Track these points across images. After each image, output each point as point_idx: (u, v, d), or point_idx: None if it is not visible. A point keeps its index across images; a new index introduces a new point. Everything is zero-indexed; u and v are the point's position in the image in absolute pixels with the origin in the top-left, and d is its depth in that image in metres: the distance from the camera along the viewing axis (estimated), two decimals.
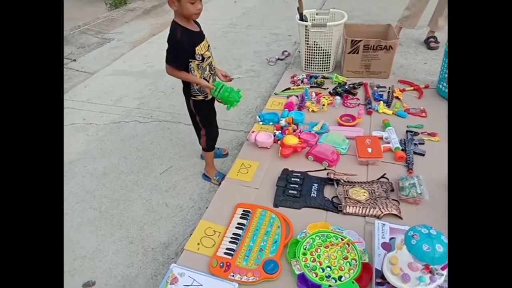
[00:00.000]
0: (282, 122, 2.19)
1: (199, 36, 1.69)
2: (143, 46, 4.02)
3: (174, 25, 1.62)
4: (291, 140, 1.95)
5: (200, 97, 1.80)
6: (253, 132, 2.09)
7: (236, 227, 1.55)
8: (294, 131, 2.12)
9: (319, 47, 2.78)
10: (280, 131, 2.13)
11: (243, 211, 1.62)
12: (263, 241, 1.46)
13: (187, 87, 1.79)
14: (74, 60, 3.81)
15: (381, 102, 2.36)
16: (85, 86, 3.31)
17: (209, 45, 1.76)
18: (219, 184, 1.94)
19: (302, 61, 2.95)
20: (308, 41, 2.77)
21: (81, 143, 2.51)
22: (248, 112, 2.69)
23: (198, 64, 1.69)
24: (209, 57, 1.75)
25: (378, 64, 2.70)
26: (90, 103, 3.01)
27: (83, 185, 2.13)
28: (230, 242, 1.48)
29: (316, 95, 2.49)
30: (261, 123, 2.28)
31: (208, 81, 1.77)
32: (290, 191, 1.70)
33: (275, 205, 1.66)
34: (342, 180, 1.73)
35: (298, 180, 1.76)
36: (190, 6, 1.54)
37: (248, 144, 2.12)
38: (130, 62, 3.70)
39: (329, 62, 2.85)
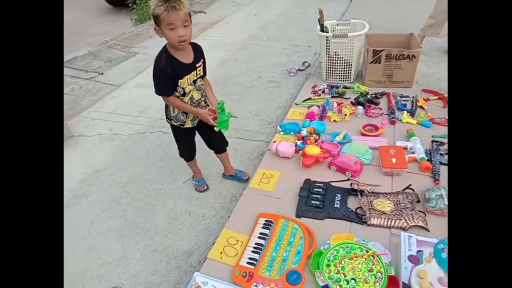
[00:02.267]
0: (304, 132, 2.19)
1: (187, 68, 1.60)
2: None
3: (161, 52, 1.55)
4: (313, 150, 1.95)
5: (175, 124, 1.80)
6: (274, 142, 2.10)
7: (259, 237, 1.54)
8: (316, 141, 2.11)
9: (340, 58, 2.78)
10: (301, 141, 2.13)
11: (265, 221, 1.62)
12: (286, 251, 1.45)
13: (167, 108, 1.78)
14: (102, 74, 3.98)
15: (405, 111, 2.33)
16: (112, 98, 3.44)
17: (197, 79, 1.68)
18: (196, 189, 2.07)
19: (323, 72, 2.96)
20: (329, 51, 2.78)
21: (108, 153, 2.60)
22: (269, 122, 2.71)
23: (178, 97, 1.66)
24: (190, 91, 1.68)
25: (401, 73, 2.66)
26: (116, 114, 3.12)
27: (109, 193, 2.20)
28: (253, 251, 1.48)
29: (338, 105, 2.48)
30: (282, 133, 2.29)
31: (187, 117, 1.77)
32: (312, 202, 1.69)
33: (298, 216, 1.65)
34: (366, 191, 1.70)
35: (321, 190, 1.75)
36: (170, 33, 1.44)
37: (270, 154, 2.13)
38: None
39: (350, 72, 2.84)
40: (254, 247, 1.50)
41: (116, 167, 2.43)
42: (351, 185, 1.76)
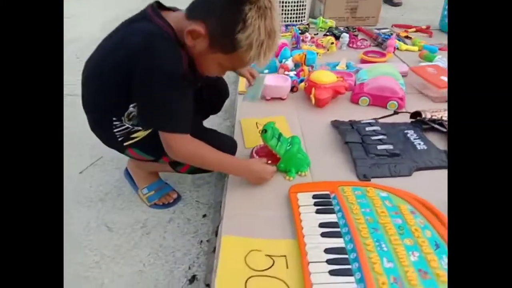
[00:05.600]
0: (289, 63, 1.36)
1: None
2: None
3: (167, 39, 0.66)
4: (327, 76, 1.14)
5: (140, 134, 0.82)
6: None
7: (325, 235, 0.63)
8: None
9: None
10: (294, 73, 1.30)
11: (314, 197, 0.72)
12: (411, 250, 0.59)
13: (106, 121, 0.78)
14: None
15: (396, 41, 1.76)
16: None
17: None
18: (151, 205, 0.95)
19: None
20: None
21: None
22: None
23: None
24: None
25: (366, 6, 2.12)
26: None
27: None
28: (332, 273, 0.56)
29: (311, 39, 1.75)
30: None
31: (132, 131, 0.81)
32: (380, 147, 0.87)
33: (363, 176, 0.81)
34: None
35: (379, 128, 0.95)
36: (215, 66, 0.71)
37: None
38: None
39: (304, 11, 2.17)
40: (330, 261, 0.58)
41: None
42: (416, 116, 1.03)
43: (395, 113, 1.11)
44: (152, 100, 0.66)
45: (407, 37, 1.90)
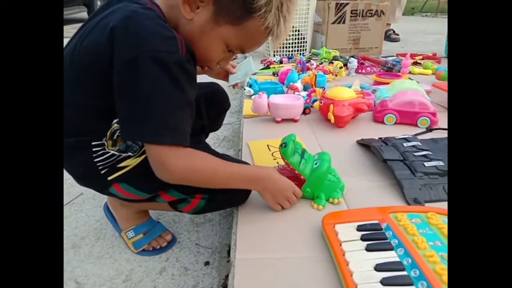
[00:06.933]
0: (298, 84, 1.23)
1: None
2: None
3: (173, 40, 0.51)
4: (345, 92, 1.00)
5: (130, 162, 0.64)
6: (260, 95, 1.05)
7: (386, 282, 0.43)
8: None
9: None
10: (306, 93, 1.17)
11: (359, 228, 0.52)
12: None
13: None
14: None
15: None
16: None
17: None
18: (138, 252, 0.74)
19: (269, 45, 2.14)
20: None
21: None
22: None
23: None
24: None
25: (369, 36, 2.08)
26: None
27: None
28: None
29: (316, 66, 1.66)
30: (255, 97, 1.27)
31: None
32: (426, 164, 0.69)
33: (415, 201, 0.63)
34: None
35: (419, 144, 0.78)
36: (218, 49, 0.58)
37: (252, 122, 1.07)
38: None
39: (305, 45, 2.12)
40: None
41: None
42: None
43: (429, 130, 0.95)
44: (136, 97, 0.50)
45: (415, 63, 1.82)
